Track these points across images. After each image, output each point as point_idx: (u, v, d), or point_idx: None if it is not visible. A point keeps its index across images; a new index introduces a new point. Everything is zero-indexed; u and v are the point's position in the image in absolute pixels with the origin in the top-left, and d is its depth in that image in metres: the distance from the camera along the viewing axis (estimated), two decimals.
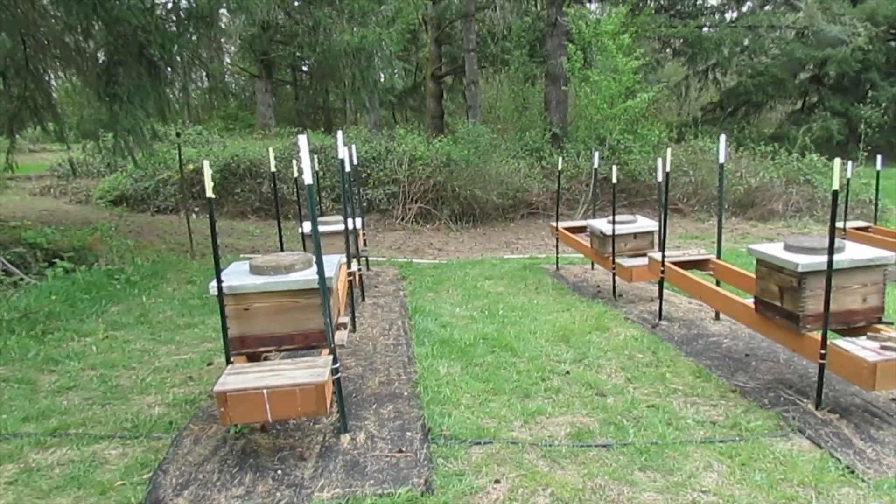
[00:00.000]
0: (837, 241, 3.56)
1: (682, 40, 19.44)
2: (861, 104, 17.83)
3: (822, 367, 3.55)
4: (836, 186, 3.44)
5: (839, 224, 7.08)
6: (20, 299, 6.05)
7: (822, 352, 3.50)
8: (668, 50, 21.36)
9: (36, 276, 6.86)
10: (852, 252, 3.75)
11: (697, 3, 20.81)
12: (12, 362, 4.68)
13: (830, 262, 3.45)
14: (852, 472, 3.01)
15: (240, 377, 3.19)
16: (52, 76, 9.88)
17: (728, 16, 20.80)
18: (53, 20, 7.89)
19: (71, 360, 4.71)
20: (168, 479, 3.06)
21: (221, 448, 3.35)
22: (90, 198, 13.76)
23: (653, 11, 17.34)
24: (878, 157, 8.07)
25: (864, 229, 7.64)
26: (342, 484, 2.99)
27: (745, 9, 20.31)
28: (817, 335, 3.56)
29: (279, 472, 3.11)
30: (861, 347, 3.38)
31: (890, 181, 12.67)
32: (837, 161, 3.45)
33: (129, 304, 6.29)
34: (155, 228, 10.96)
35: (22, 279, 6.67)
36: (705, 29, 19.70)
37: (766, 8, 18.86)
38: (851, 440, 3.30)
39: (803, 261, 3.61)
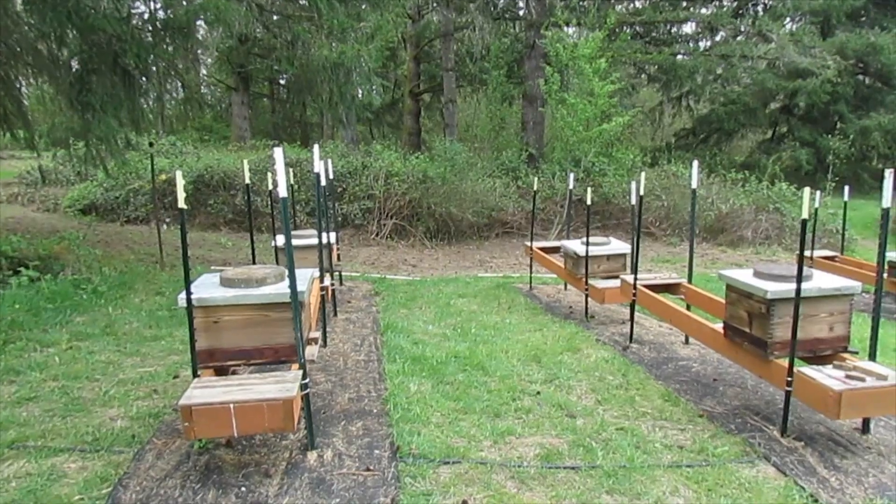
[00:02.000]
0: (805, 270, 3.61)
1: (656, 67, 19.75)
2: (829, 135, 18.25)
3: (788, 395, 3.58)
4: (805, 215, 3.50)
5: (806, 253, 7.22)
6: None
7: (789, 379, 3.54)
8: (643, 76, 21.71)
9: None
10: (820, 281, 3.81)
11: (672, 30, 21.21)
12: None
13: (799, 290, 3.50)
14: (816, 500, 3.03)
15: (206, 391, 3.13)
16: (23, 83, 9.72)
17: (702, 44, 21.20)
18: (27, 27, 7.78)
19: (32, 371, 4.59)
20: (128, 495, 2.99)
21: (184, 463, 3.28)
22: (59, 206, 13.54)
23: (629, 37, 17.63)
24: (846, 188, 8.25)
25: (831, 258, 7.78)
26: (307, 502, 2.94)
27: (718, 38, 20.72)
28: (784, 362, 3.60)
29: (243, 488, 3.05)
30: (827, 376, 3.42)
31: (856, 212, 12.96)
32: (807, 191, 3.50)
33: (94, 315, 6.16)
34: (124, 238, 10.79)
35: None
36: (679, 56, 20.07)
37: (739, 38, 19.25)
38: (816, 468, 3.33)
39: (773, 288, 3.66)
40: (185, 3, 7.97)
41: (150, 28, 7.95)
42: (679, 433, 3.76)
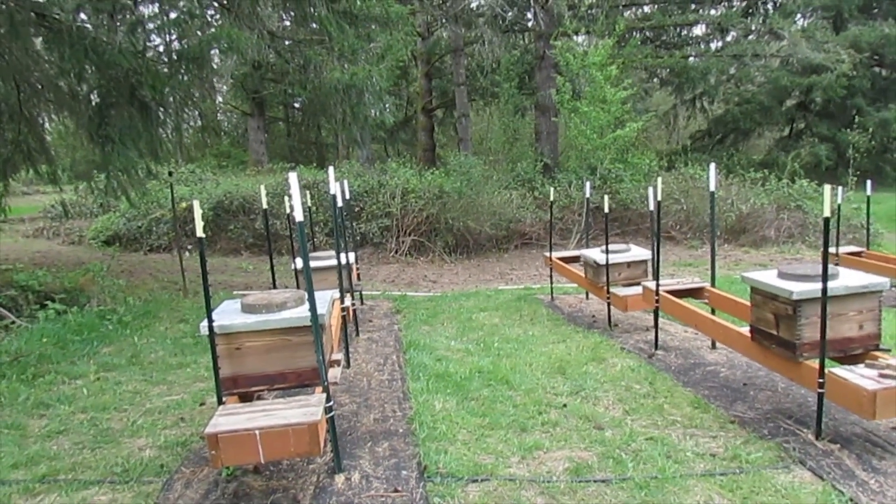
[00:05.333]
0: (831, 268, 3.55)
1: (668, 70, 19.70)
2: (848, 129, 18.02)
3: (820, 396, 3.51)
4: (827, 213, 3.44)
5: (832, 250, 7.10)
6: (11, 343, 6.00)
7: (821, 380, 3.47)
8: (655, 80, 21.64)
9: (27, 319, 6.80)
10: (847, 279, 3.74)
11: (682, 33, 21.12)
12: (2, 407, 4.61)
13: (825, 290, 3.44)
14: None
15: (231, 418, 3.14)
16: (45, 119, 9.92)
17: (713, 45, 21.09)
18: (47, 65, 7.95)
19: (61, 404, 4.64)
20: None
21: (213, 492, 3.28)
22: (83, 238, 13.76)
23: (639, 42, 17.59)
24: (868, 182, 8.12)
25: (858, 254, 7.64)
26: None
27: (729, 38, 20.62)
28: (814, 363, 3.53)
29: None
30: (859, 376, 3.35)
31: (880, 205, 12.77)
32: (828, 187, 3.45)
33: (120, 345, 6.22)
34: (147, 267, 10.92)
35: (14, 322, 6.61)
36: (691, 59, 19.99)
37: (750, 37, 19.13)
38: (854, 471, 3.25)
39: (798, 288, 3.60)
40: (199, 33, 8.09)
41: (166, 59, 8.08)
42: (711, 440, 3.70)
